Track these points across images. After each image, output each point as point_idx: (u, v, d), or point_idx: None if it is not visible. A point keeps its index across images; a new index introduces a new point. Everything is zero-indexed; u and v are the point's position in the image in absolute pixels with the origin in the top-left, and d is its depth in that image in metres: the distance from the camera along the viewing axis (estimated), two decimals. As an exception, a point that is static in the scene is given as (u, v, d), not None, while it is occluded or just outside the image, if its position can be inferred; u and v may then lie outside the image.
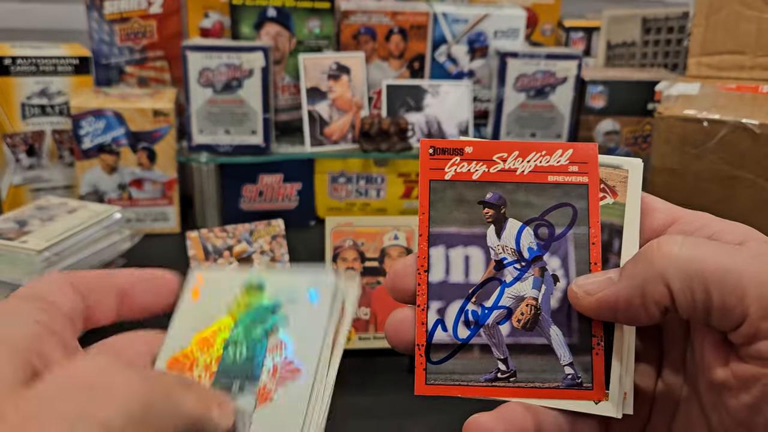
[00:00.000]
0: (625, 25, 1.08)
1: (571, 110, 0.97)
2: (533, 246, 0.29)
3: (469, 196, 0.29)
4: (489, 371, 0.29)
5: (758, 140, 0.66)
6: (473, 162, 0.29)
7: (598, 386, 0.28)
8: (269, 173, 0.98)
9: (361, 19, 0.98)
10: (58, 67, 0.92)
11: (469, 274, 0.29)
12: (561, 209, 0.29)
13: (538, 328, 0.29)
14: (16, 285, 0.62)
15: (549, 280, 0.29)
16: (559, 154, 0.29)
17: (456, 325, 0.29)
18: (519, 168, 0.29)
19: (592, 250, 0.29)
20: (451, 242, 0.29)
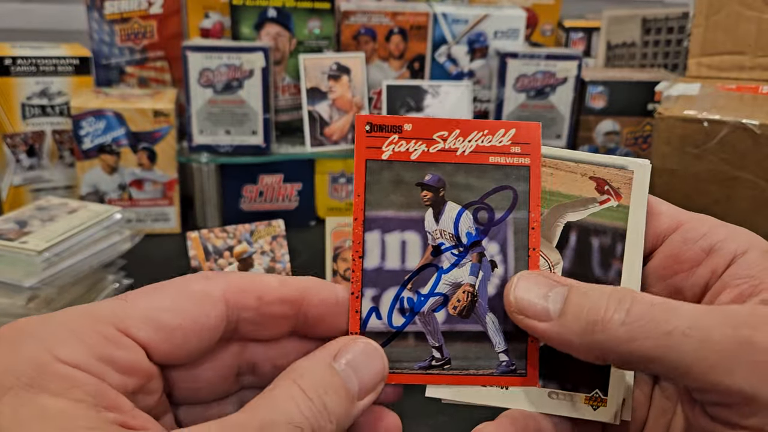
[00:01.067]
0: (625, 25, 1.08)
1: (571, 111, 0.97)
2: (472, 231, 0.28)
3: (407, 178, 0.28)
4: (423, 359, 0.28)
5: (758, 140, 0.66)
6: (412, 141, 0.28)
7: (532, 373, 0.28)
8: (269, 173, 0.98)
9: (361, 19, 0.98)
10: (58, 68, 0.92)
11: (406, 260, 0.28)
12: (501, 192, 0.28)
13: (474, 315, 0.28)
14: (17, 285, 0.62)
15: (487, 267, 0.28)
16: (501, 133, 0.28)
17: (391, 313, 0.28)
18: (460, 148, 0.28)
19: (532, 235, 0.28)
20: (388, 227, 0.28)
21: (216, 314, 0.24)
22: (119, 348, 0.22)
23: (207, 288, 0.25)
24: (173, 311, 0.24)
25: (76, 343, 0.21)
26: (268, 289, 0.26)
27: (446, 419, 0.59)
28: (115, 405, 0.21)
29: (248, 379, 0.28)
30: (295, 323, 0.27)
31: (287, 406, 0.23)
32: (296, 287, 0.26)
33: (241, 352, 0.27)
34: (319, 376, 0.24)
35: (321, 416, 0.23)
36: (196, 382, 0.26)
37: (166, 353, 0.24)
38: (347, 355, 0.25)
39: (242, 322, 0.26)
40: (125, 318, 0.23)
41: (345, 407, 0.24)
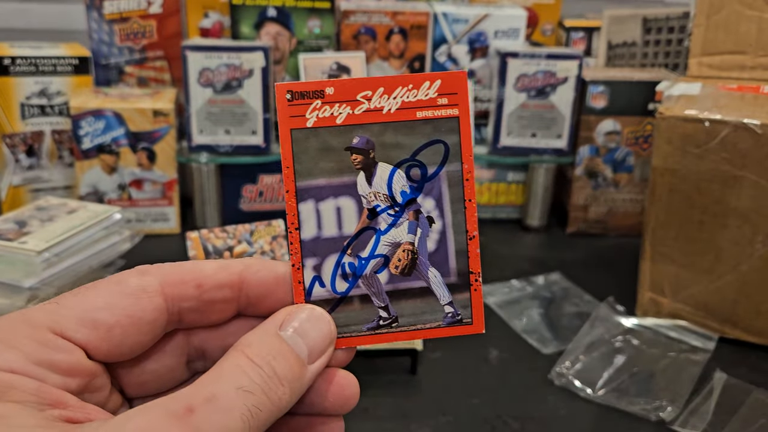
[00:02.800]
0: (626, 25, 1.08)
1: (572, 110, 0.97)
2: (406, 189, 0.28)
3: (334, 143, 0.28)
4: (371, 320, 0.28)
5: (759, 140, 0.66)
6: (336, 104, 0.27)
7: (477, 320, 0.28)
8: (269, 173, 0.98)
9: (362, 19, 0.98)
10: (57, 67, 0.92)
11: (343, 227, 0.28)
12: (432, 147, 0.28)
13: (416, 272, 0.29)
14: (16, 286, 0.61)
15: (424, 223, 0.28)
16: (426, 86, 0.28)
17: (333, 280, 0.28)
18: (386, 106, 0.28)
19: (467, 187, 0.28)
20: (321, 195, 0.28)
21: (153, 308, 0.24)
22: (57, 351, 0.22)
23: (142, 283, 0.25)
24: (108, 309, 0.24)
25: (11, 351, 0.21)
26: (206, 275, 0.26)
27: (448, 419, 0.58)
28: (60, 401, 0.21)
29: (199, 364, 0.28)
30: (238, 305, 0.27)
31: (235, 373, 0.23)
32: (234, 270, 0.26)
33: (187, 340, 0.27)
34: (266, 345, 0.24)
35: (271, 381, 0.23)
36: (144, 374, 0.26)
37: (106, 351, 0.24)
38: (293, 323, 0.25)
39: (185, 312, 0.26)
40: (60, 320, 0.23)
41: (295, 372, 0.24)
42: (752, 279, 0.69)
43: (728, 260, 0.70)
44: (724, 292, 0.71)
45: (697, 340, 0.71)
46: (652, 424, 0.59)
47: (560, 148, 0.98)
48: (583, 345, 0.69)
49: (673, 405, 0.60)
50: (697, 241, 0.71)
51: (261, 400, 0.22)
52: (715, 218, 0.70)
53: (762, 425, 0.58)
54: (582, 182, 0.99)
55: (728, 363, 0.67)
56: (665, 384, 0.64)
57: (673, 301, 0.74)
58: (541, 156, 0.99)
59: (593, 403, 0.62)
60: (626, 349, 0.69)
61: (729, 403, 0.61)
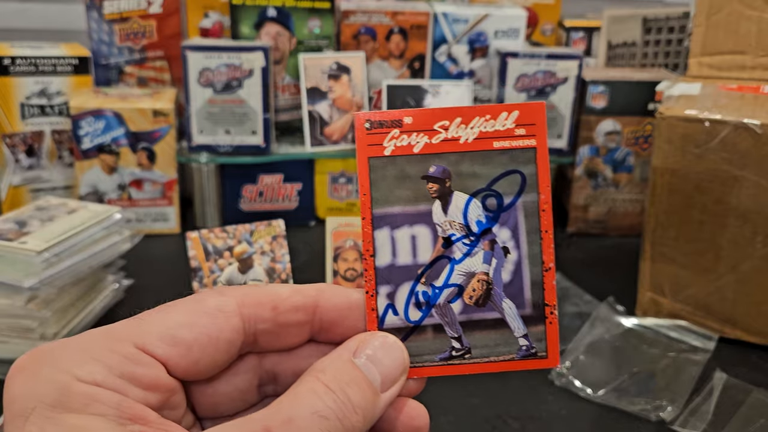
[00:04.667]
0: (626, 25, 1.08)
1: (572, 110, 0.97)
2: (482, 219, 0.28)
3: (411, 172, 0.28)
4: (443, 350, 0.28)
5: (759, 140, 0.66)
6: (414, 134, 0.28)
7: (552, 354, 0.28)
8: (269, 173, 0.98)
9: (361, 19, 0.98)
10: (57, 67, 0.92)
11: (417, 255, 0.28)
12: (509, 177, 0.28)
13: (490, 303, 0.28)
14: (16, 286, 0.61)
15: (499, 253, 0.28)
16: (504, 117, 0.28)
17: (407, 308, 0.28)
18: (463, 136, 0.28)
19: (543, 217, 0.28)
20: (396, 222, 0.28)
21: (230, 328, 0.25)
22: (139, 365, 0.23)
23: (221, 303, 0.25)
24: (189, 327, 0.24)
25: (95, 363, 0.22)
26: (281, 298, 0.26)
27: (448, 419, 0.58)
28: (141, 417, 0.22)
29: (270, 388, 0.28)
30: (311, 330, 0.27)
31: (311, 398, 0.23)
32: (309, 294, 0.27)
33: (259, 363, 0.28)
34: (340, 371, 0.24)
35: (345, 407, 0.23)
36: (217, 395, 0.27)
37: (185, 368, 0.24)
38: (366, 350, 0.25)
39: (260, 334, 0.26)
40: (142, 336, 0.23)
41: (369, 399, 0.24)
42: (752, 279, 0.69)
43: (728, 260, 0.70)
44: (724, 292, 0.71)
45: (697, 340, 0.71)
46: (652, 424, 0.59)
47: (560, 148, 0.98)
48: (583, 345, 0.69)
49: (673, 405, 0.60)
50: (697, 241, 0.71)
51: (335, 425, 0.23)
52: (715, 218, 0.70)
53: (762, 425, 0.58)
54: (582, 182, 0.99)
55: (728, 363, 0.67)
56: (665, 384, 0.64)
57: (673, 301, 0.74)
58: (541, 156, 0.99)
59: (593, 403, 0.62)
60: (626, 349, 0.69)
61: (729, 403, 0.61)
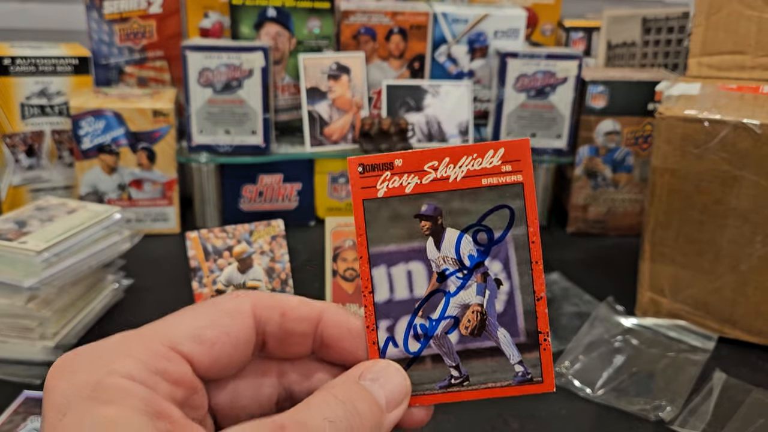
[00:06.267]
0: (626, 25, 1.08)
1: (572, 110, 0.97)
2: (473, 253, 0.29)
3: (404, 212, 0.29)
4: (443, 379, 0.29)
5: (759, 140, 0.66)
6: (405, 175, 0.29)
7: (547, 378, 0.29)
8: (269, 173, 0.98)
9: (361, 19, 0.98)
10: (57, 67, 0.92)
11: (414, 289, 0.30)
12: (498, 212, 0.29)
13: (485, 333, 0.29)
14: (16, 286, 0.62)
15: (492, 285, 0.29)
16: (491, 154, 0.29)
17: (406, 340, 0.29)
18: (452, 175, 0.29)
19: (533, 249, 0.29)
20: (392, 260, 0.29)
21: (246, 327, 0.27)
22: (168, 361, 0.24)
23: (237, 304, 0.27)
24: (211, 326, 0.26)
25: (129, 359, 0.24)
26: (290, 306, 0.28)
27: (448, 419, 0.58)
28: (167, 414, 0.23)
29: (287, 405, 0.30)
30: (313, 343, 0.29)
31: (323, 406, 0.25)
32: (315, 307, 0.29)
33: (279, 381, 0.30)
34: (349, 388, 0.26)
35: (354, 418, 0.25)
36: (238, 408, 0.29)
37: (208, 366, 0.26)
38: (371, 375, 0.28)
39: (268, 337, 0.28)
40: (171, 335, 0.25)
41: (375, 415, 0.26)
42: (752, 279, 0.69)
43: (728, 260, 0.70)
44: (724, 292, 0.71)
45: (696, 340, 0.71)
46: (652, 424, 0.59)
47: (560, 148, 0.98)
48: (582, 345, 0.69)
49: (673, 405, 0.60)
50: (696, 241, 0.71)
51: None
52: (714, 218, 0.70)
53: (761, 425, 0.58)
54: (582, 182, 0.99)
55: (728, 363, 0.67)
56: (665, 384, 0.64)
57: (672, 301, 0.74)
58: (541, 156, 0.99)
59: (593, 403, 0.62)
60: (626, 349, 0.69)
61: (728, 403, 0.61)
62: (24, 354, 0.63)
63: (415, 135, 0.98)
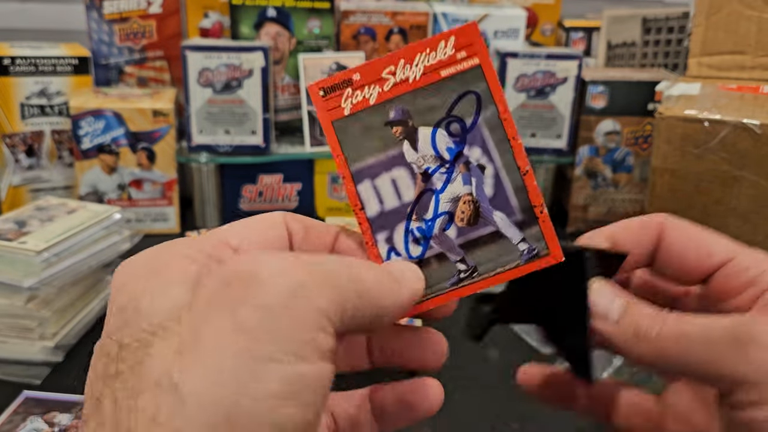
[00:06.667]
0: (626, 25, 1.08)
1: (572, 110, 0.97)
2: (450, 145, 0.29)
3: (373, 122, 0.29)
4: (452, 275, 0.29)
5: (759, 140, 0.66)
6: (365, 87, 0.29)
7: (553, 248, 0.29)
8: (269, 173, 0.98)
9: (361, 19, 0.98)
10: (57, 67, 0.92)
11: (402, 196, 0.30)
12: (464, 99, 0.29)
13: (482, 220, 0.29)
14: (16, 286, 0.62)
15: (477, 172, 0.29)
16: (443, 45, 0.28)
17: (407, 246, 0.29)
18: (410, 75, 0.29)
19: (506, 126, 0.29)
20: (374, 173, 0.29)
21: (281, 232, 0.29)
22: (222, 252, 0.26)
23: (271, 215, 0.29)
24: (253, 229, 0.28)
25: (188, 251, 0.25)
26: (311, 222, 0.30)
27: (450, 419, 0.58)
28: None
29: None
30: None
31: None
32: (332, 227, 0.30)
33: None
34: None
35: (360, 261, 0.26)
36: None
37: None
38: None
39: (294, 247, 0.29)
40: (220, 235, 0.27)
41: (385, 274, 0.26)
42: (752, 279, 0.69)
43: (728, 260, 0.70)
44: (724, 292, 0.71)
45: (696, 340, 0.71)
46: (652, 424, 0.59)
47: (560, 148, 0.98)
48: (582, 345, 0.69)
49: (673, 405, 0.60)
50: (696, 241, 0.71)
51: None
52: (714, 218, 0.70)
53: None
54: (582, 182, 0.99)
55: (728, 363, 0.67)
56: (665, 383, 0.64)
57: (672, 301, 0.74)
58: (541, 156, 0.99)
59: (593, 403, 0.62)
60: (626, 349, 0.69)
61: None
62: (24, 354, 0.63)
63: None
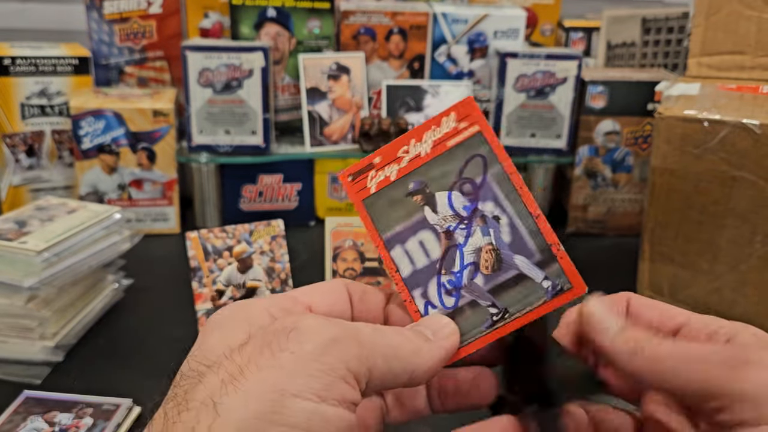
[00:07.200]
0: (625, 25, 1.08)
1: (571, 110, 0.97)
2: (466, 203, 0.32)
3: (397, 195, 0.33)
4: (485, 320, 0.32)
5: (758, 140, 0.66)
6: (385, 167, 0.33)
7: (575, 282, 0.31)
8: (269, 173, 0.98)
9: (361, 19, 0.98)
10: (57, 68, 0.92)
11: (430, 254, 0.33)
12: (471, 162, 0.32)
13: (505, 265, 0.32)
14: (16, 286, 0.62)
15: (493, 223, 0.32)
16: (445, 121, 0.33)
17: (441, 298, 0.32)
18: (421, 150, 0.33)
19: (513, 180, 0.32)
20: (403, 238, 0.33)
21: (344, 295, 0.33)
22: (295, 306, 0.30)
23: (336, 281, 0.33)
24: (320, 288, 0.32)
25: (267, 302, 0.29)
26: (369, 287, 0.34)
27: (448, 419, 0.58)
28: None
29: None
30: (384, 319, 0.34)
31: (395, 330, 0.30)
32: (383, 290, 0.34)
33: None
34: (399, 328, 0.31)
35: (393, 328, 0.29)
36: None
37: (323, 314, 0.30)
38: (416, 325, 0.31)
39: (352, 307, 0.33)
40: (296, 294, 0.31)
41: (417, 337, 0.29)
42: (751, 279, 0.69)
43: (727, 260, 0.70)
44: (723, 291, 0.71)
45: (696, 340, 0.71)
46: (651, 424, 0.59)
47: (559, 148, 0.99)
48: (582, 345, 0.69)
49: (672, 404, 0.60)
50: (695, 241, 0.71)
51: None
52: (713, 218, 0.70)
53: (760, 425, 0.58)
54: (581, 182, 1.00)
55: (727, 363, 0.67)
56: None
57: (672, 301, 0.74)
58: (541, 156, 0.99)
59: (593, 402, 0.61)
60: (625, 348, 0.69)
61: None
62: (24, 354, 0.64)
63: (414, 135, 0.98)
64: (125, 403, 0.57)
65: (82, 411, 0.56)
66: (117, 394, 0.58)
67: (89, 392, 0.59)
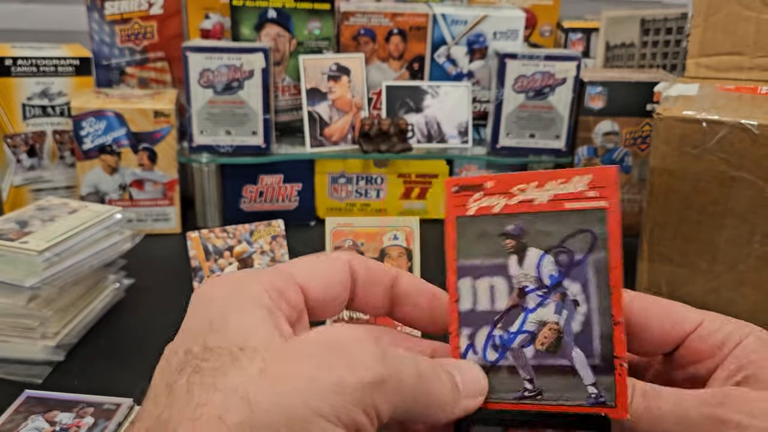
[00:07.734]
0: (624, 26, 1.09)
1: (570, 111, 0.97)
2: (554, 273, 0.30)
3: (491, 230, 0.31)
4: (517, 390, 0.30)
5: (757, 141, 0.66)
6: (494, 195, 0.31)
7: (620, 404, 0.29)
8: (270, 174, 0.98)
9: (361, 20, 0.98)
10: (58, 68, 0.92)
11: (495, 302, 0.31)
12: (580, 235, 0.29)
13: (560, 351, 0.30)
14: (17, 285, 0.62)
15: (570, 305, 0.30)
16: (576, 180, 0.30)
17: (485, 349, 0.31)
18: (537, 197, 0.30)
19: (612, 274, 0.29)
20: (477, 273, 0.31)
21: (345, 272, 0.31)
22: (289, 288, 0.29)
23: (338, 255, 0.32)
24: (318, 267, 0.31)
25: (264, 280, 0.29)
26: (374, 263, 0.33)
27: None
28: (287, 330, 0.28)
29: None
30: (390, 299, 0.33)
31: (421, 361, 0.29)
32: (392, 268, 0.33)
33: None
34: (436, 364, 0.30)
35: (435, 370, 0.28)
36: None
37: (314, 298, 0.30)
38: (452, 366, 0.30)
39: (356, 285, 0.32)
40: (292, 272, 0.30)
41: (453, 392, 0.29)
42: (749, 279, 0.69)
43: (725, 260, 0.70)
44: (722, 291, 0.71)
45: (694, 340, 0.71)
46: (650, 423, 0.59)
47: (558, 148, 0.99)
48: (581, 344, 0.69)
49: (671, 404, 0.61)
50: (694, 241, 0.71)
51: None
52: (712, 218, 0.70)
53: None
54: (581, 183, 1.00)
55: (725, 362, 0.68)
56: (663, 383, 0.64)
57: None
58: (540, 156, 0.99)
59: (591, 402, 0.62)
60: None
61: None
62: (25, 353, 0.64)
63: (414, 136, 0.98)
64: (126, 403, 0.57)
65: (83, 410, 0.56)
66: (118, 393, 0.58)
67: (90, 392, 0.59)
